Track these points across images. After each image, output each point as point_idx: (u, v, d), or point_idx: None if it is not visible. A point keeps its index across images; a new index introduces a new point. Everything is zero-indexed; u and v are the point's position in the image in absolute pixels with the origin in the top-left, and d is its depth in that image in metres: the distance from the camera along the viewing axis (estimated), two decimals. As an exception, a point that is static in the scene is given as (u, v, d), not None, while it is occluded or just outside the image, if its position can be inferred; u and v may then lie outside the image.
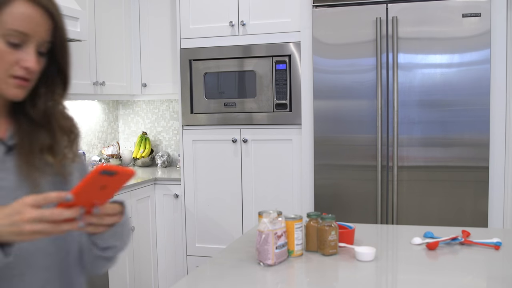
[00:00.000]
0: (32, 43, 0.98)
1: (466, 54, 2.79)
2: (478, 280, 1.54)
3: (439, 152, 2.86)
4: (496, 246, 1.76)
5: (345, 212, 2.97)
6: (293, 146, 3.19)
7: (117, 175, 0.89)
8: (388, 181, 2.92)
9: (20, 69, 0.97)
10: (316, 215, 1.77)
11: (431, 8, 2.83)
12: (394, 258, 1.77)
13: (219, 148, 3.34)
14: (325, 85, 3.00)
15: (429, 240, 1.82)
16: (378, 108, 2.88)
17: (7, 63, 0.96)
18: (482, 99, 2.79)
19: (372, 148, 2.93)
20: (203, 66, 3.33)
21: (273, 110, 3.20)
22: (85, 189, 0.87)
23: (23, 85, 0.98)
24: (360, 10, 2.93)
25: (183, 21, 3.36)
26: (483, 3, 2.75)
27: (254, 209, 3.26)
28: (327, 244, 1.69)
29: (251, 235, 1.93)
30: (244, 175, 3.30)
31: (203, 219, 3.39)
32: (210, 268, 1.67)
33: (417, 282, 1.51)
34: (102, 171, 0.86)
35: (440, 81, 2.83)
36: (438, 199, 2.87)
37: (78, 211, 0.88)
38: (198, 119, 3.35)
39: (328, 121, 3.01)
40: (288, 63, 3.16)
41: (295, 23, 3.14)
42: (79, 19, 2.70)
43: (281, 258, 1.64)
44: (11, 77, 0.97)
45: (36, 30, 0.97)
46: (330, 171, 3.04)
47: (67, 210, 0.87)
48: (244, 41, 3.24)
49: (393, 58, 2.86)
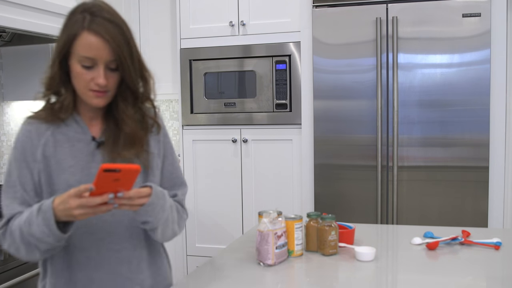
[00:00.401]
0: (100, 64, 1.26)
1: (466, 54, 2.79)
2: (478, 280, 1.54)
3: (439, 152, 2.86)
4: (496, 246, 1.76)
5: (345, 212, 2.97)
6: (293, 146, 3.19)
7: (122, 171, 1.12)
8: (388, 181, 2.92)
9: (94, 85, 1.27)
10: (316, 215, 1.77)
11: (431, 8, 2.83)
12: (394, 258, 1.77)
13: (219, 148, 3.34)
14: (325, 85, 3.00)
15: (429, 240, 1.82)
16: (378, 108, 2.88)
17: (85, 81, 1.27)
18: (482, 99, 2.79)
19: (372, 148, 2.93)
20: (203, 66, 3.33)
21: (273, 110, 3.20)
22: (100, 183, 1.13)
23: (100, 96, 1.29)
24: (360, 10, 2.93)
25: (183, 21, 3.36)
26: (483, 3, 2.75)
27: (254, 209, 3.26)
28: (327, 244, 1.69)
29: (251, 235, 1.93)
30: (244, 175, 3.30)
31: (203, 219, 3.39)
32: (210, 268, 1.67)
33: (417, 282, 1.51)
34: (105, 169, 1.11)
35: (440, 81, 2.83)
36: (438, 199, 2.87)
37: (107, 197, 1.15)
38: (198, 119, 3.35)
39: (328, 121, 3.01)
40: (288, 63, 3.16)
41: (295, 23, 3.14)
42: (79, 19, 2.70)
43: (281, 258, 1.64)
44: (89, 90, 1.28)
45: (99, 54, 1.25)
46: (330, 171, 3.04)
47: (98, 197, 1.14)
48: (244, 41, 3.24)
49: (393, 58, 2.86)
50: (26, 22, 2.34)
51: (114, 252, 1.36)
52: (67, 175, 1.31)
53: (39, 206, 1.22)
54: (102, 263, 1.35)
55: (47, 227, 1.19)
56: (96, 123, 1.38)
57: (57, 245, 1.24)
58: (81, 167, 1.32)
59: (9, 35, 2.69)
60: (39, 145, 1.33)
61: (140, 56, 1.35)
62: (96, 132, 1.37)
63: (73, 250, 1.33)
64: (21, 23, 2.31)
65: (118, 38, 1.26)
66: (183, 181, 1.52)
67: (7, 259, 2.04)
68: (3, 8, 2.22)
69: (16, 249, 1.28)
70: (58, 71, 1.30)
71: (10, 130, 2.92)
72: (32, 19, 2.38)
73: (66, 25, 1.30)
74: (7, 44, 2.75)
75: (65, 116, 1.34)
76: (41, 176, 1.32)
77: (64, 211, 1.17)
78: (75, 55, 1.26)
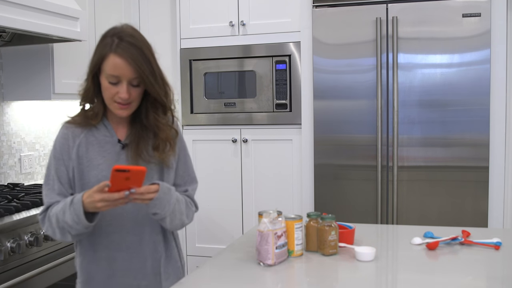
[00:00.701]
0: (124, 81, 1.50)
1: (466, 54, 2.79)
2: (478, 280, 1.54)
3: (439, 152, 2.86)
4: (496, 246, 1.76)
5: (345, 212, 2.97)
6: (293, 146, 3.19)
7: (131, 171, 1.39)
8: (388, 181, 2.92)
9: (118, 98, 1.51)
10: (316, 215, 1.77)
11: (431, 8, 2.83)
12: (394, 258, 1.77)
13: (219, 148, 3.34)
14: (325, 85, 3.00)
15: (429, 240, 1.82)
16: (378, 108, 2.88)
17: (111, 94, 1.52)
18: (482, 99, 2.79)
19: (372, 148, 2.93)
20: (203, 66, 3.33)
21: (273, 110, 3.20)
22: (114, 181, 1.39)
23: (123, 107, 1.53)
24: (360, 10, 2.93)
25: (183, 21, 3.36)
26: (483, 3, 2.75)
27: (254, 209, 3.26)
28: (327, 244, 1.69)
29: (251, 235, 1.93)
30: (244, 175, 3.30)
31: (203, 219, 3.39)
32: (210, 268, 1.67)
33: (417, 282, 1.51)
34: (116, 170, 1.38)
35: (440, 81, 2.83)
36: (438, 199, 2.87)
37: (123, 194, 1.42)
38: (198, 119, 3.35)
39: (328, 121, 3.01)
40: (288, 63, 3.16)
41: (295, 23, 3.14)
42: (79, 19, 2.70)
43: (281, 258, 1.64)
44: (114, 102, 1.53)
45: (123, 73, 1.49)
46: (330, 171, 3.04)
47: (116, 193, 1.42)
48: (244, 41, 3.24)
49: (393, 58, 2.86)
50: (26, 22, 2.34)
51: (133, 235, 1.61)
52: (97, 171, 1.57)
53: (72, 199, 1.49)
54: (122, 245, 1.61)
55: (77, 217, 1.47)
56: (123, 128, 1.63)
57: (85, 231, 1.51)
58: (108, 165, 1.56)
59: (9, 35, 2.69)
60: (74, 146, 1.59)
61: (161, 72, 1.57)
62: (122, 136, 1.62)
63: (98, 234, 1.60)
64: (21, 23, 2.31)
65: (139, 59, 1.49)
66: (194, 178, 1.75)
67: (7, 259, 2.05)
68: (3, 8, 2.22)
69: (53, 232, 1.55)
70: (91, 85, 1.55)
71: (10, 130, 2.93)
72: (32, 19, 2.37)
73: (98, 46, 1.54)
74: (7, 44, 2.75)
75: (96, 122, 1.60)
76: (75, 172, 1.58)
77: (90, 204, 1.45)
78: (104, 73, 1.51)
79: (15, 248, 2.05)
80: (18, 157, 2.98)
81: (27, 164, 3.04)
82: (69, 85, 2.88)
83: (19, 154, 2.99)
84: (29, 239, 2.15)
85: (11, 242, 2.05)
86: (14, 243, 2.06)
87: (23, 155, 3.01)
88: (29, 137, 3.07)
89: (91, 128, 1.60)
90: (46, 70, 2.79)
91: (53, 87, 2.80)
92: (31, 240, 2.15)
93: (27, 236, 2.15)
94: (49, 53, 2.79)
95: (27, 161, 3.04)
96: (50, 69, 2.79)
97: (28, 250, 2.15)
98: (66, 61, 2.88)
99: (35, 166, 3.11)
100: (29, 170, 3.06)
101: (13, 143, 2.95)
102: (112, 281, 1.62)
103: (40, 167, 3.15)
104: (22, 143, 3.02)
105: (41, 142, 3.17)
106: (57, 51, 2.81)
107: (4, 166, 2.88)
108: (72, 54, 2.92)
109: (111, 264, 1.61)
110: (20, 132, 3.00)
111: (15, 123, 2.97)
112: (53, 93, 2.81)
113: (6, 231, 2.06)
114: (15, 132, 2.97)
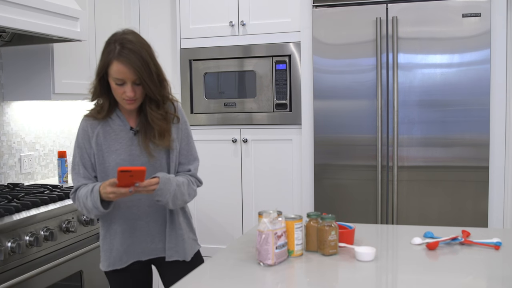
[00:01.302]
0: (128, 82, 1.78)
1: (466, 54, 2.79)
2: (478, 280, 1.54)
3: (439, 152, 2.86)
4: (496, 246, 1.76)
5: (345, 212, 2.97)
6: (293, 146, 3.19)
7: (133, 171, 1.67)
8: (388, 181, 2.92)
9: (126, 96, 1.80)
10: (316, 215, 1.77)
11: (431, 8, 2.83)
12: (394, 258, 1.77)
13: (219, 148, 3.34)
14: (325, 85, 3.00)
15: (429, 240, 1.82)
16: (378, 108, 2.88)
17: (119, 93, 1.81)
18: (482, 99, 2.79)
19: (372, 148, 2.93)
20: (203, 66, 3.33)
21: (273, 110, 3.20)
22: (120, 178, 1.67)
23: (131, 102, 1.82)
24: (360, 10, 2.93)
25: (183, 21, 3.36)
26: (483, 3, 2.75)
27: (254, 209, 3.26)
28: (327, 244, 1.69)
29: (251, 235, 1.93)
30: (244, 175, 3.30)
31: (203, 219, 3.39)
32: (210, 268, 1.67)
33: (417, 282, 1.51)
34: (120, 171, 1.65)
35: (440, 81, 2.83)
36: (438, 199, 2.87)
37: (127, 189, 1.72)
38: (198, 119, 3.35)
39: (328, 121, 3.01)
40: (288, 63, 3.16)
41: (295, 23, 3.14)
42: (79, 19, 2.69)
43: (281, 258, 1.64)
44: (123, 99, 1.82)
45: (126, 76, 1.77)
46: (330, 171, 3.04)
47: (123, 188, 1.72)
48: (244, 41, 3.24)
49: (393, 58, 2.86)
50: (26, 22, 2.34)
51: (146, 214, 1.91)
52: (115, 155, 1.87)
53: (92, 188, 1.80)
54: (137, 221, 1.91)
55: (95, 203, 1.78)
56: (133, 116, 1.92)
57: (102, 214, 1.85)
58: (124, 150, 1.87)
59: (9, 35, 2.69)
60: (93, 136, 1.89)
61: (159, 69, 1.84)
62: (133, 123, 1.91)
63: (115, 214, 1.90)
64: (21, 23, 2.31)
65: (138, 64, 1.76)
66: (196, 157, 2.04)
67: (7, 259, 2.05)
68: (3, 8, 2.22)
69: (81, 210, 1.87)
70: (97, 85, 1.84)
71: (10, 130, 2.93)
72: (32, 19, 2.37)
73: (103, 52, 1.80)
74: (7, 44, 2.75)
75: (107, 115, 1.88)
76: (96, 157, 1.88)
77: (104, 194, 1.76)
78: (110, 76, 1.79)
79: (15, 248, 2.05)
80: (18, 157, 2.98)
81: (27, 164, 3.04)
82: (69, 85, 2.88)
83: (19, 154, 2.99)
84: (29, 239, 2.15)
85: (11, 242, 2.05)
86: (14, 243, 2.05)
87: (23, 155, 3.01)
88: (29, 137, 3.07)
89: (107, 119, 1.89)
90: (46, 70, 2.79)
91: (53, 87, 2.80)
92: (31, 240, 2.15)
93: (27, 236, 2.15)
94: (49, 53, 2.79)
95: (27, 161, 3.04)
96: (50, 69, 2.79)
97: (28, 250, 2.15)
98: (66, 61, 2.88)
99: (35, 166, 3.11)
100: (29, 170, 3.06)
101: (13, 143, 2.95)
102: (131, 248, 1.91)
103: (40, 167, 3.15)
104: (22, 143, 3.02)
105: (41, 142, 3.17)
106: (57, 51, 2.81)
107: (4, 166, 2.88)
108: (72, 54, 2.92)
109: (131, 232, 1.91)
110: (20, 132, 3.00)
111: (15, 123, 2.97)
112: (53, 93, 2.81)
113: (6, 231, 2.06)
114: (15, 132, 2.97)
